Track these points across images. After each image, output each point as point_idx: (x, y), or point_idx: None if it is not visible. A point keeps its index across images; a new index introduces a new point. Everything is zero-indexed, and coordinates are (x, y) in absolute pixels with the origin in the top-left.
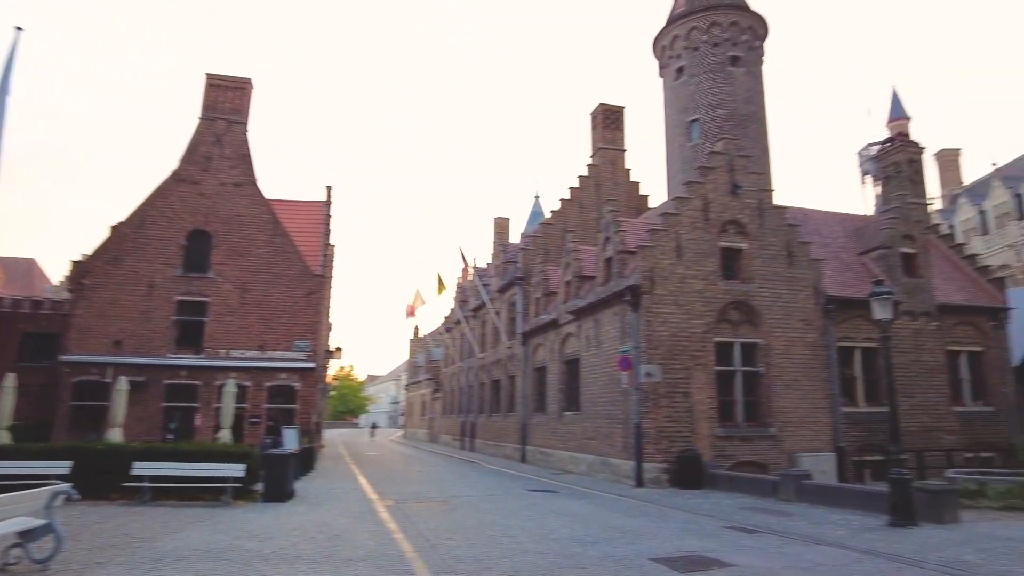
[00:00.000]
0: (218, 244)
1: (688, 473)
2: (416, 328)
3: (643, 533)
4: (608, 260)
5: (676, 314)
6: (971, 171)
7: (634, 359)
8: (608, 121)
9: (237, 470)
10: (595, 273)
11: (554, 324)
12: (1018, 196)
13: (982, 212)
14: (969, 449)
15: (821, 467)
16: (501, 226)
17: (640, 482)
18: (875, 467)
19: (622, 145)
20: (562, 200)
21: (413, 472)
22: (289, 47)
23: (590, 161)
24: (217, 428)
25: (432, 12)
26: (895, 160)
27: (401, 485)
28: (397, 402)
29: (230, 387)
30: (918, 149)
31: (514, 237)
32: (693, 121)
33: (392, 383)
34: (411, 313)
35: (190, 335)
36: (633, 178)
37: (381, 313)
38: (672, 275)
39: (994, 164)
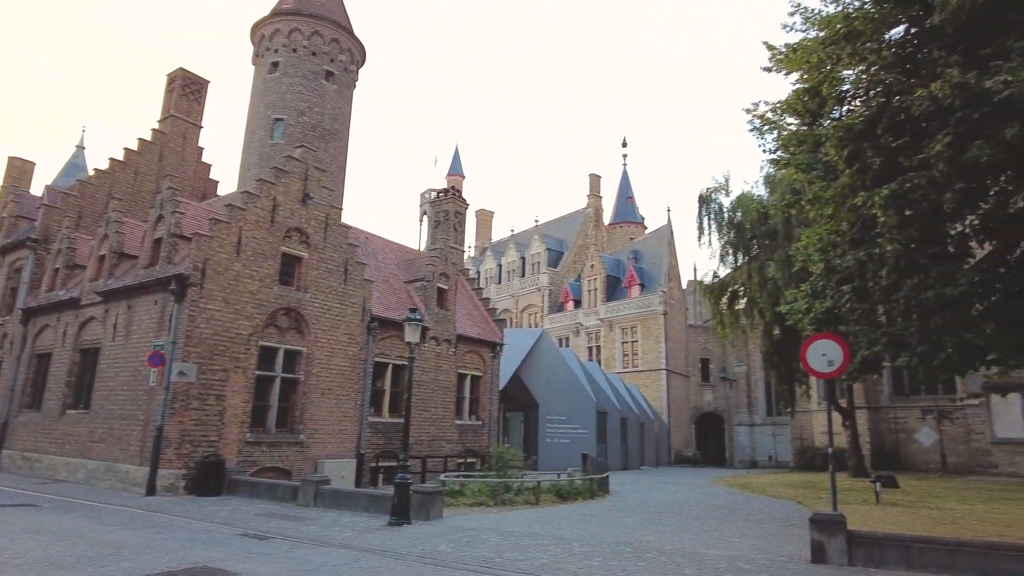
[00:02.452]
0: None
1: (209, 480)
2: None
3: (144, 547)
4: (157, 241)
5: (224, 312)
6: (498, 231)
7: (168, 355)
8: (187, 90)
9: None
10: (138, 253)
11: (74, 304)
12: (523, 258)
13: (499, 265)
14: (461, 456)
15: (342, 472)
16: (20, 170)
17: (152, 490)
18: (388, 472)
19: (199, 121)
20: (113, 160)
21: None
22: None
23: (157, 126)
24: None
25: None
26: (446, 208)
27: None
28: None
29: None
30: (464, 204)
31: (37, 188)
32: (278, 120)
33: None
34: None
35: None
36: (205, 159)
37: None
38: (227, 271)
39: (512, 230)
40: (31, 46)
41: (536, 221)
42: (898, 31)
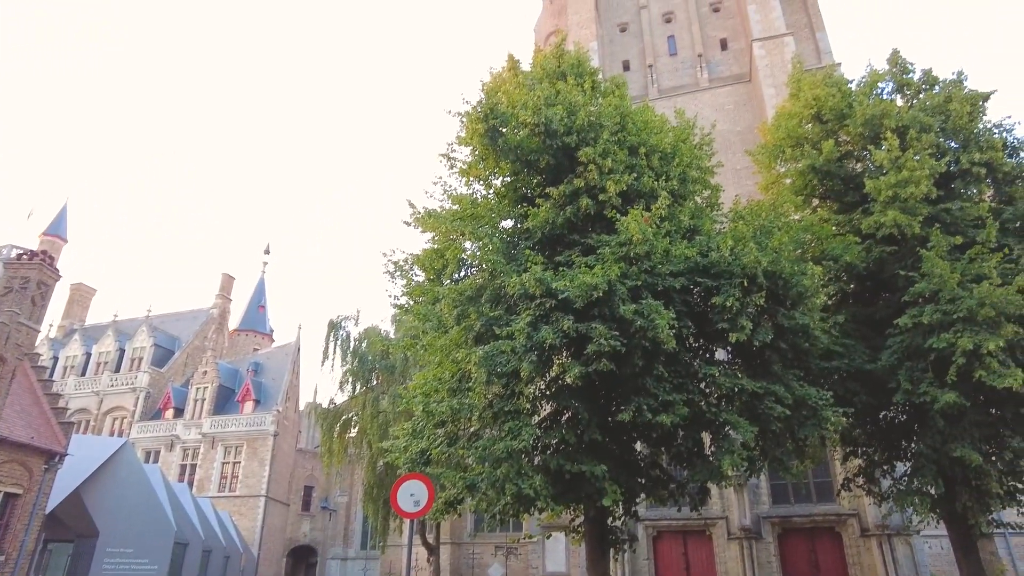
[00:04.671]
0: None
1: None
2: None
3: None
4: None
5: None
6: (98, 314)
7: None
8: None
9: None
10: None
11: None
12: (122, 351)
13: (89, 354)
14: None
15: None
16: None
17: None
18: None
19: None
20: None
21: None
22: None
23: None
24: None
25: None
26: (28, 275)
27: None
28: None
29: None
30: (56, 274)
31: None
32: None
33: None
34: None
35: None
36: None
37: None
38: None
39: (116, 316)
40: None
41: (149, 311)
42: (508, 223)
